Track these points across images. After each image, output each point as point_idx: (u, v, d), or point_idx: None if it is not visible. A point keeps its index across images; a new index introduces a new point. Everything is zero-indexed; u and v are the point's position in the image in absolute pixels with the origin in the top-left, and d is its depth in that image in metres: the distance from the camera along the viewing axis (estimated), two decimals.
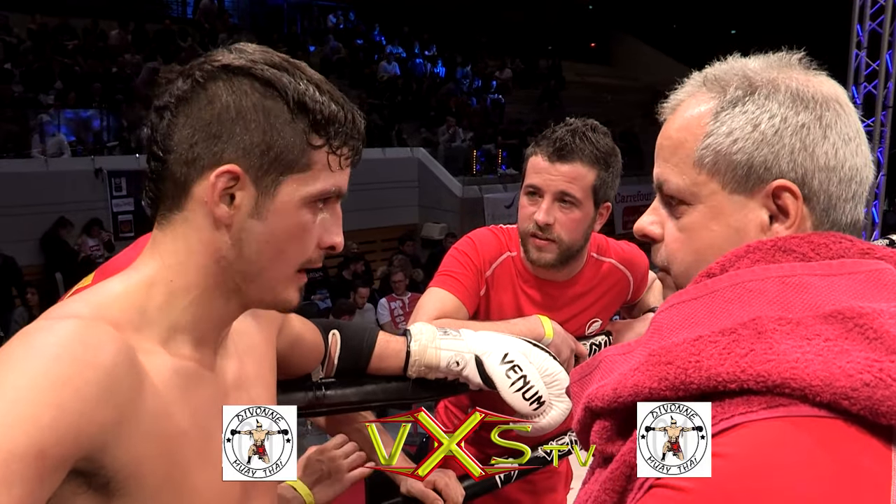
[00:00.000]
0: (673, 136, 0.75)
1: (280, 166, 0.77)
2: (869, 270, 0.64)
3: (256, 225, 0.77)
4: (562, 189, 1.53)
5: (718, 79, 0.73)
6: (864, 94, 8.15)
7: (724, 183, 0.70)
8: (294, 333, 1.12)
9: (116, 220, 8.91)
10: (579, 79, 17.19)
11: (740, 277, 0.66)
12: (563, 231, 1.55)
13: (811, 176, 0.68)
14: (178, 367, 0.76)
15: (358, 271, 8.35)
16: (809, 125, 0.69)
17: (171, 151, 0.76)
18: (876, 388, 0.55)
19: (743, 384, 0.58)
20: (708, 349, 0.61)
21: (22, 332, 0.69)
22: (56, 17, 11.00)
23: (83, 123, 9.81)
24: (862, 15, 8.00)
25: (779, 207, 0.69)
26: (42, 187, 8.29)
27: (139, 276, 0.78)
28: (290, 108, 0.76)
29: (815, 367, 0.57)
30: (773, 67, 0.72)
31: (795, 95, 0.70)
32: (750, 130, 0.69)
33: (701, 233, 0.72)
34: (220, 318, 0.82)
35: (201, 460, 0.76)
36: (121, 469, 0.69)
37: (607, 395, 0.66)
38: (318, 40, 14.01)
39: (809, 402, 0.57)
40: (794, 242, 0.67)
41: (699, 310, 0.66)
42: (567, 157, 1.52)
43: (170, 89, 0.77)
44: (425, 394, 1.34)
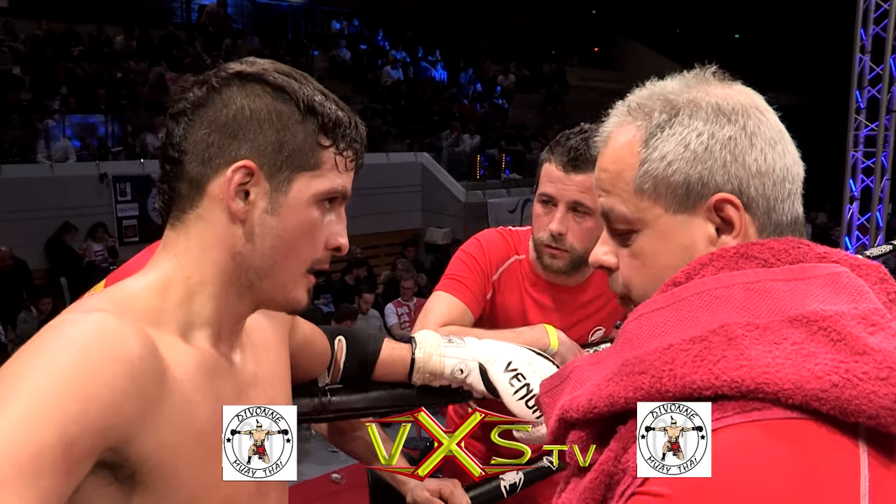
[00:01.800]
0: (610, 168, 0.77)
1: (292, 164, 0.81)
2: (827, 274, 0.67)
3: (270, 220, 0.81)
4: (576, 199, 1.54)
5: (641, 106, 0.76)
6: (867, 99, 8.15)
7: (667, 205, 0.73)
8: (304, 335, 1.14)
9: (121, 225, 8.93)
10: (583, 83, 17.19)
11: (706, 285, 0.67)
12: (576, 241, 1.56)
13: (746, 184, 0.71)
14: (200, 360, 0.79)
15: (361, 276, 8.35)
16: (736, 136, 0.71)
17: (188, 152, 0.80)
18: (844, 388, 0.58)
19: (717, 390, 0.61)
20: (680, 357, 0.63)
21: (49, 325, 0.70)
22: (61, 23, 11.05)
23: (88, 129, 9.85)
24: (866, 19, 8.00)
25: (722, 219, 0.72)
26: (47, 192, 8.33)
27: (156, 276, 0.80)
28: (301, 110, 0.81)
29: (786, 371, 0.59)
30: (690, 87, 0.76)
31: (717, 110, 0.72)
32: (682, 151, 0.72)
33: (653, 257, 0.75)
34: (235, 314, 0.85)
35: (221, 453, 0.77)
36: (146, 461, 0.70)
37: (582, 406, 0.68)
38: (322, 45, 14.05)
39: (782, 405, 0.59)
40: (755, 249, 0.69)
41: (668, 318, 0.67)
42: (581, 167, 1.52)
43: (185, 96, 0.81)
44: (429, 400, 1.34)
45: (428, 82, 14.32)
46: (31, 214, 8.12)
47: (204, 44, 11.97)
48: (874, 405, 0.57)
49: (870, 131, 8.20)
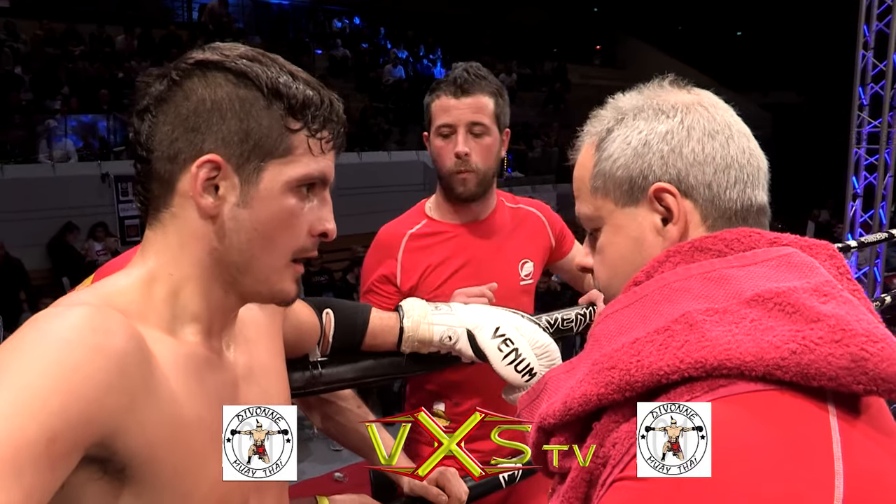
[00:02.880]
0: (576, 176, 0.84)
1: (260, 153, 0.78)
2: (779, 256, 0.70)
3: (242, 213, 0.78)
4: (471, 119, 1.69)
5: (598, 117, 0.83)
6: (870, 95, 8.12)
7: (616, 200, 0.78)
8: (297, 318, 1.13)
9: (123, 225, 8.95)
10: (584, 81, 17.17)
11: (665, 280, 0.71)
12: (480, 159, 1.70)
13: (685, 173, 0.75)
14: (188, 354, 0.78)
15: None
16: (672, 130, 0.76)
17: (154, 150, 0.78)
18: (802, 354, 0.60)
19: (683, 373, 0.64)
20: (647, 348, 0.66)
21: (32, 318, 0.69)
22: (63, 22, 11.06)
23: (90, 128, 9.87)
24: (869, 15, 7.97)
25: (665, 208, 0.76)
26: (49, 192, 8.34)
27: (139, 273, 0.79)
28: (265, 94, 0.78)
29: (746, 346, 0.62)
30: (641, 94, 0.82)
31: (657, 109, 0.78)
32: (624, 148, 0.78)
33: (610, 249, 0.80)
34: (223, 308, 0.83)
35: (216, 446, 0.76)
36: (135, 455, 0.70)
37: (557, 411, 0.71)
38: (324, 44, 14.06)
39: (746, 378, 0.62)
40: (708, 241, 0.73)
41: (632, 315, 0.71)
42: (469, 91, 1.69)
43: (148, 92, 0.79)
44: (419, 368, 1.36)
45: (430, 81, 14.30)
46: (33, 215, 8.13)
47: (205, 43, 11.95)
48: (832, 367, 0.60)
49: (873, 128, 8.18)
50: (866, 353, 0.59)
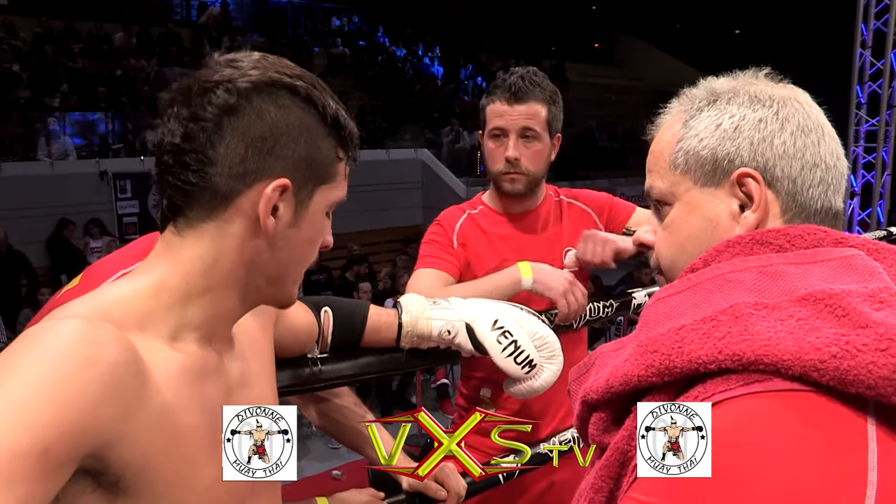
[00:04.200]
0: (654, 150, 0.83)
1: (316, 178, 0.82)
2: (841, 257, 0.68)
3: (292, 233, 0.81)
4: (523, 125, 1.76)
5: (689, 95, 0.82)
6: (868, 94, 8.13)
7: (696, 178, 0.77)
8: (289, 320, 1.14)
9: (121, 222, 8.94)
10: (583, 79, 17.18)
11: (720, 269, 0.70)
12: (529, 163, 1.78)
13: (772, 163, 0.74)
14: (185, 364, 0.77)
15: (361, 273, 8.36)
16: (767, 119, 0.75)
17: (215, 163, 0.76)
18: (842, 359, 0.59)
19: (721, 364, 0.63)
20: (690, 336, 0.65)
21: (25, 332, 0.69)
22: (61, 20, 11.05)
23: (88, 126, 9.85)
24: (866, 14, 7.98)
25: (745, 194, 0.75)
26: (48, 190, 8.33)
27: (148, 280, 0.78)
28: (327, 124, 0.81)
29: (787, 344, 0.61)
30: (736, 80, 0.81)
31: (753, 97, 0.77)
32: (713, 129, 0.77)
33: (680, 226, 0.79)
34: (230, 316, 0.84)
35: (210, 456, 0.76)
36: (128, 466, 0.70)
37: (600, 388, 0.71)
38: (322, 42, 14.04)
39: (782, 377, 0.61)
40: (770, 235, 0.72)
41: (683, 302, 0.70)
42: (523, 98, 1.76)
43: (209, 99, 0.76)
44: (419, 363, 1.36)
45: (428, 79, 14.31)
46: (32, 212, 8.12)
47: (204, 41, 11.95)
48: (873, 375, 0.58)
49: (870, 126, 8.19)
50: None
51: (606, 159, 14.42)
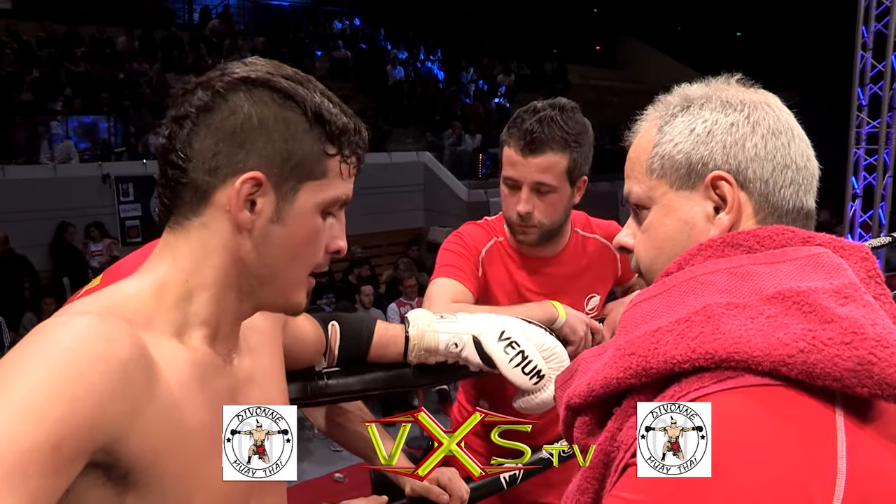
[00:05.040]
0: (632, 156, 0.86)
1: (299, 173, 0.81)
2: (808, 255, 0.71)
3: (275, 229, 0.81)
4: (536, 180, 1.60)
5: (664, 102, 0.85)
6: (869, 96, 8.13)
7: (671, 182, 0.80)
8: (297, 329, 1.14)
9: (124, 226, 8.96)
10: (584, 82, 17.17)
11: (693, 272, 0.73)
12: (543, 216, 1.63)
13: (745, 166, 0.77)
14: (193, 360, 0.79)
15: (363, 275, 8.37)
16: (738, 123, 0.78)
17: (192, 159, 0.79)
18: (809, 353, 0.61)
19: (695, 363, 0.65)
20: (665, 337, 0.68)
21: (37, 328, 0.70)
22: (64, 24, 11.08)
23: (91, 130, 9.88)
24: (867, 16, 7.98)
25: (719, 196, 0.77)
26: (50, 193, 8.35)
27: (151, 278, 0.80)
28: (308, 118, 0.80)
29: (756, 341, 0.64)
30: (709, 86, 0.84)
31: (725, 102, 0.80)
32: (687, 134, 0.79)
33: (658, 229, 0.82)
34: (234, 315, 0.85)
35: (218, 450, 0.76)
36: (138, 460, 0.71)
37: (582, 392, 0.74)
38: (324, 45, 14.06)
39: (753, 372, 0.63)
40: (741, 237, 0.74)
41: (659, 305, 0.73)
42: (538, 150, 1.58)
43: (189, 99, 0.80)
44: (426, 379, 1.35)
45: (430, 82, 14.32)
46: (35, 215, 8.14)
47: (206, 44, 11.97)
48: (838, 368, 0.60)
49: (872, 128, 8.19)
50: (874, 358, 0.60)
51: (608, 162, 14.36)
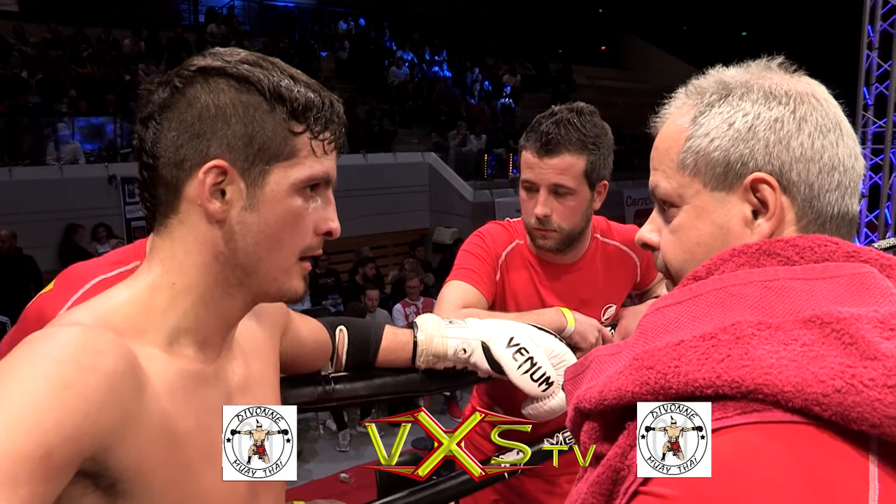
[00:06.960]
0: (660, 146, 0.78)
1: (265, 156, 0.79)
2: (851, 274, 0.64)
3: (249, 216, 0.79)
4: (554, 182, 1.58)
5: (698, 87, 0.76)
6: (875, 95, 8.10)
7: (706, 181, 0.72)
8: (299, 335, 1.13)
9: (130, 227, 8.97)
10: (589, 82, 17.15)
11: (724, 282, 0.66)
12: (562, 219, 1.61)
13: (788, 167, 0.69)
14: (181, 370, 0.78)
15: (369, 275, 8.37)
16: (783, 119, 0.70)
17: (160, 157, 0.78)
18: (847, 394, 0.54)
19: (718, 389, 0.59)
20: (688, 354, 0.62)
21: (26, 339, 0.71)
22: (70, 26, 11.12)
23: (97, 131, 9.90)
24: (873, 16, 7.96)
25: (759, 200, 0.70)
26: (57, 194, 8.38)
27: (142, 284, 0.80)
28: (267, 98, 0.78)
29: (789, 373, 0.57)
30: (748, 72, 0.75)
31: (768, 93, 0.72)
32: (725, 129, 0.71)
33: (689, 232, 0.74)
34: (225, 317, 0.84)
35: (207, 461, 0.77)
36: (126, 470, 0.71)
37: (594, 398, 0.67)
38: (330, 46, 14.08)
39: (782, 408, 0.57)
40: (778, 246, 0.67)
41: (683, 314, 0.66)
42: (555, 151, 1.57)
43: (151, 99, 0.79)
44: (434, 385, 1.33)
45: (435, 82, 14.33)
46: (41, 216, 8.17)
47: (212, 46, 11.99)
48: (878, 413, 0.53)
49: (878, 128, 8.16)
50: None
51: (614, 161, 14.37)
